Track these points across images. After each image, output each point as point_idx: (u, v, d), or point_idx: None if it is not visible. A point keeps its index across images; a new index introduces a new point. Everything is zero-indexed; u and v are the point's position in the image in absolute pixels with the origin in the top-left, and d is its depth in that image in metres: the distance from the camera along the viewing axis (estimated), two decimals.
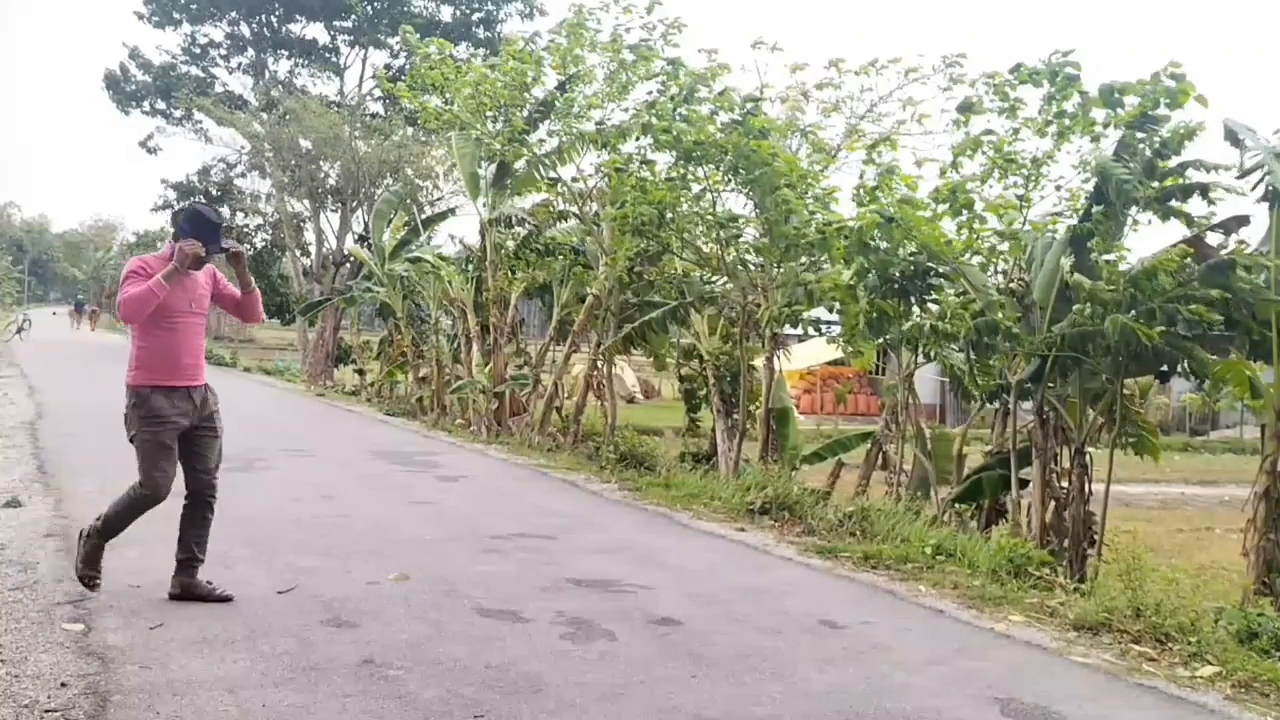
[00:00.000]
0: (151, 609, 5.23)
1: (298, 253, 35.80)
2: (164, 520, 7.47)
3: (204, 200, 39.21)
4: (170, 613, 5.17)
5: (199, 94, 36.14)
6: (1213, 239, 9.00)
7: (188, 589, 5.49)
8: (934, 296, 9.90)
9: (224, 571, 6.12)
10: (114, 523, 5.43)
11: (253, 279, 5.86)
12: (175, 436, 5.39)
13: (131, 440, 5.40)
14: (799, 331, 12.79)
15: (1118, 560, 6.98)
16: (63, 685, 4.13)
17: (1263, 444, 8.77)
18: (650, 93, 12.32)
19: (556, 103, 14.00)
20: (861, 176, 10.26)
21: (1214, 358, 8.90)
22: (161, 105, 39.19)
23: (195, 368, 5.49)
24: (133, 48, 39.65)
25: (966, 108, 9.66)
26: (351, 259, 30.69)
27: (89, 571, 5.37)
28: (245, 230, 39.63)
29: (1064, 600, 6.34)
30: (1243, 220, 8.94)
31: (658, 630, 5.38)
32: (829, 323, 12.13)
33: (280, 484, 9.57)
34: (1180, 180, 8.71)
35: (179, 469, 5.49)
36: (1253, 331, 8.35)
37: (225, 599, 5.49)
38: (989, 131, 9.60)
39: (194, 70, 39.51)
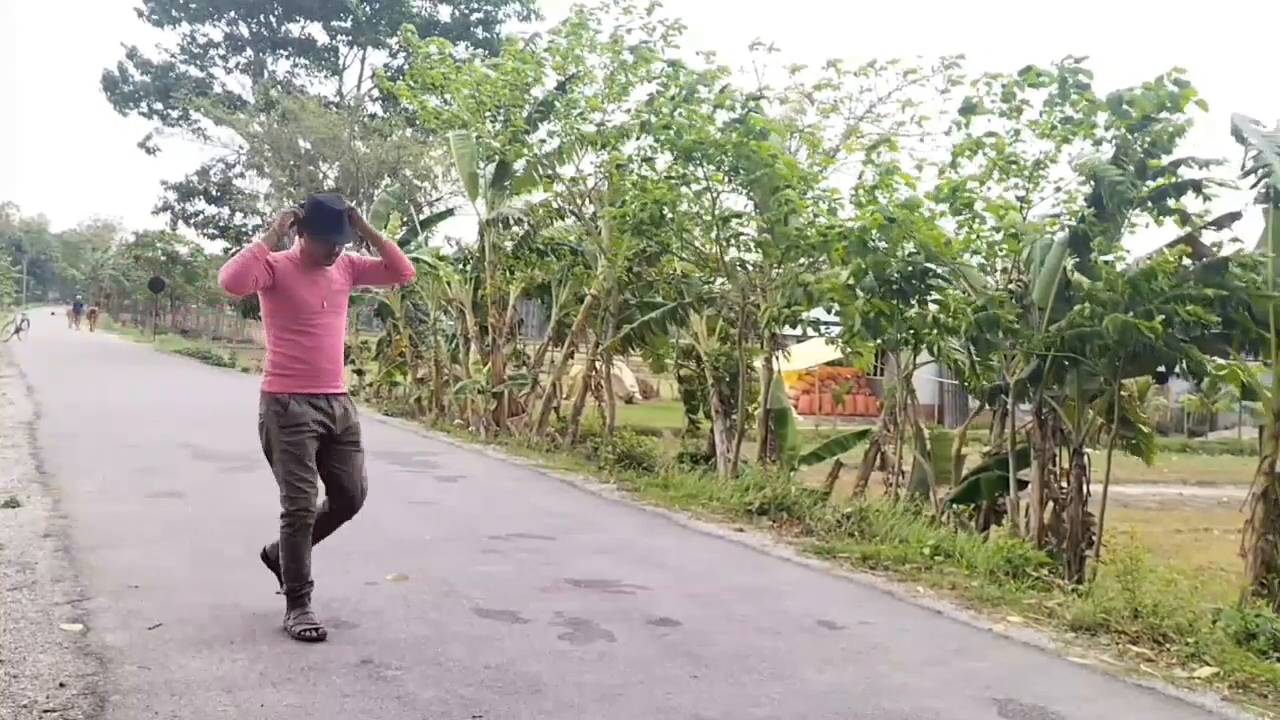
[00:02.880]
0: (150, 609, 5.22)
1: None
2: (161, 524, 7.50)
3: (203, 197, 39.39)
4: (168, 613, 5.17)
5: (198, 94, 36.18)
6: (1208, 237, 9.03)
7: (270, 559, 5.31)
8: (933, 296, 9.91)
9: (224, 571, 6.13)
10: (291, 566, 5.00)
11: (380, 232, 5.38)
12: (316, 445, 5.02)
13: (268, 453, 5.05)
14: (798, 332, 12.79)
15: (1116, 561, 6.99)
16: (61, 685, 4.13)
17: (1261, 445, 8.78)
18: (651, 95, 12.32)
19: (557, 103, 13.99)
20: (861, 177, 10.27)
21: (1212, 358, 8.91)
22: (159, 106, 39.26)
23: (334, 373, 5.11)
24: (131, 48, 39.82)
25: (969, 109, 9.66)
26: None
27: (300, 625, 4.88)
28: (244, 230, 39.68)
29: (1062, 601, 6.35)
30: (1235, 215, 8.97)
31: (656, 631, 5.38)
32: (828, 323, 12.13)
33: None
34: (1173, 178, 8.73)
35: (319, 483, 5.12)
36: (1250, 331, 8.37)
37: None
38: (991, 133, 9.61)
39: (192, 70, 39.61)
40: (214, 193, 39.34)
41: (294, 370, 5.00)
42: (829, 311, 11.03)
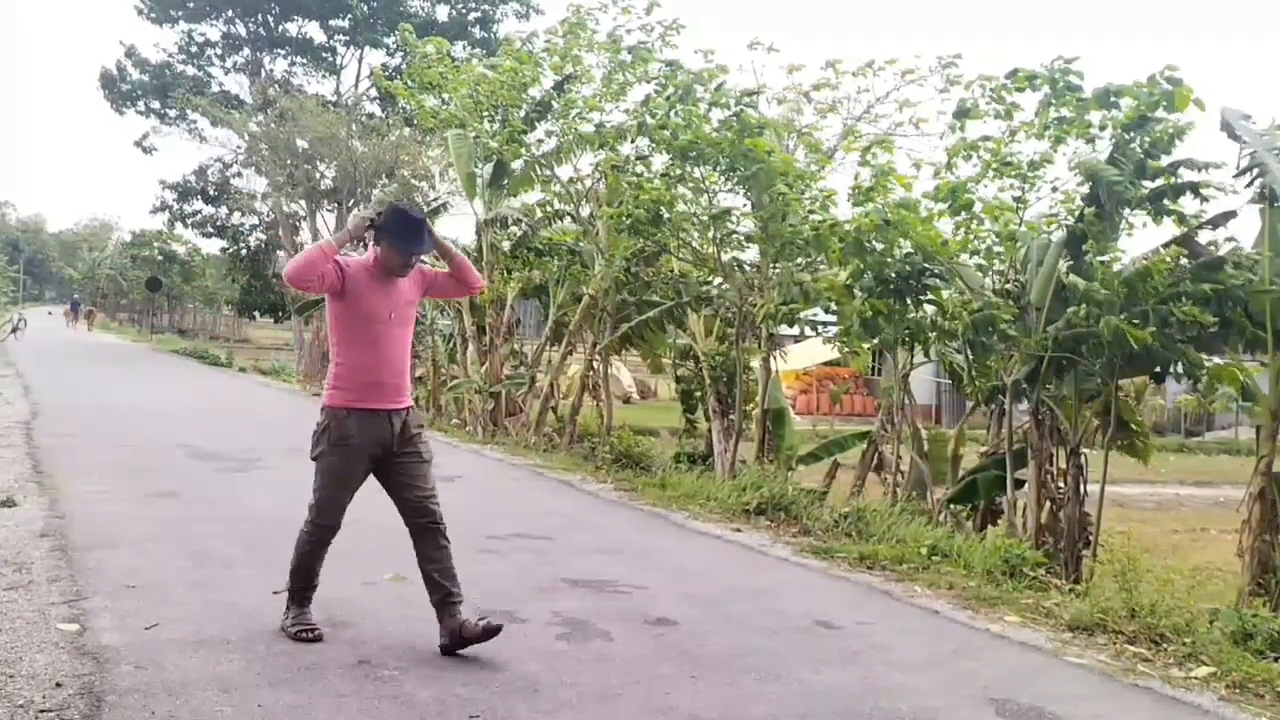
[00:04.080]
0: (146, 609, 5.21)
1: (293, 252, 35.82)
2: (158, 523, 7.49)
3: (201, 197, 39.38)
4: (165, 613, 5.16)
5: (195, 93, 36.15)
6: (1204, 237, 9.04)
7: (455, 635, 4.76)
8: (930, 297, 9.92)
9: (221, 571, 6.13)
10: (299, 568, 4.94)
11: (449, 243, 5.25)
12: (365, 467, 4.85)
13: (314, 459, 4.86)
14: (795, 332, 12.80)
15: (1113, 561, 6.99)
16: (58, 685, 4.12)
17: (1258, 445, 8.79)
18: (649, 95, 12.31)
19: (554, 103, 13.99)
20: (856, 178, 10.28)
21: (1208, 358, 8.92)
22: (156, 105, 39.23)
23: (398, 388, 4.89)
24: (129, 46, 39.81)
25: (962, 113, 9.68)
26: None
27: (297, 625, 4.87)
28: (240, 229, 39.69)
29: (1059, 601, 6.35)
30: (1230, 215, 8.99)
31: (654, 630, 5.38)
32: (825, 323, 12.15)
33: (277, 484, 9.56)
34: (1172, 180, 8.73)
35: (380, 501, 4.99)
36: (1246, 330, 8.37)
37: (494, 630, 4.73)
38: (986, 137, 9.63)
39: (190, 69, 39.55)
40: (211, 192, 39.33)
41: (356, 383, 4.78)
42: (826, 311, 11.05)
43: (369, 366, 4.80)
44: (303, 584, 4.94)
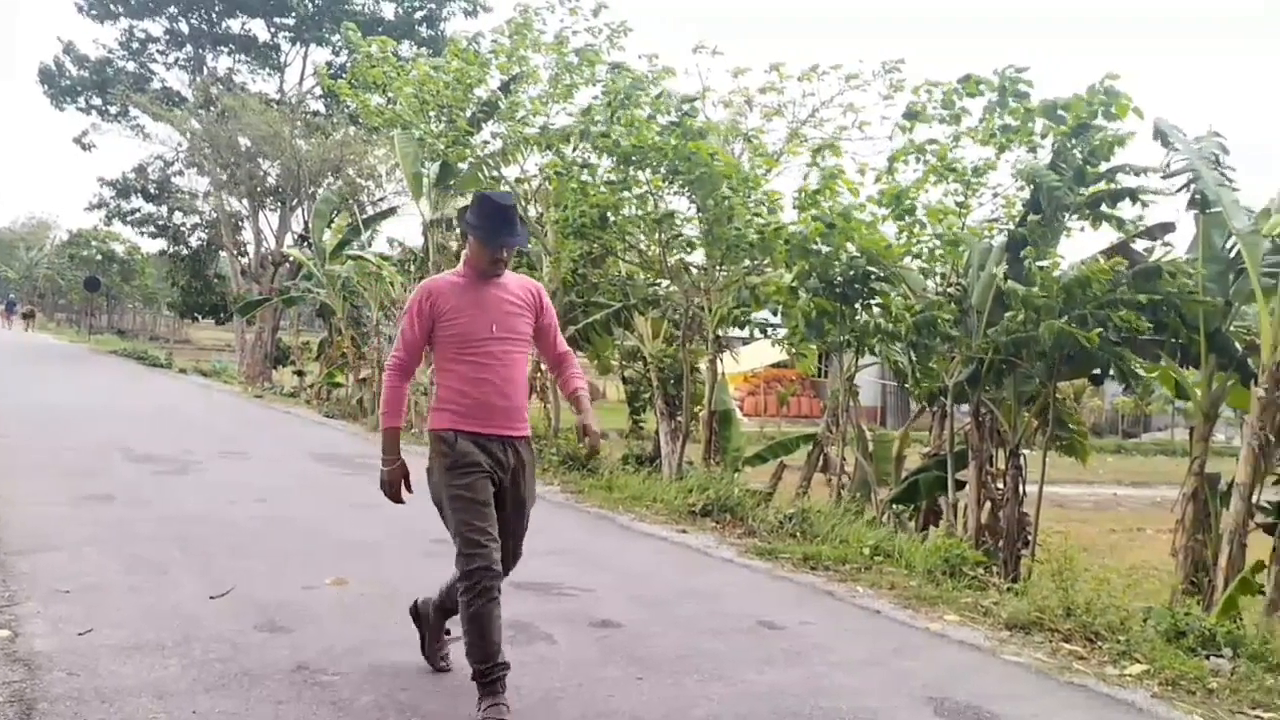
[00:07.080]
0: (81, 614, 5.12)
1: (235, 252, 35.32)
2: (94, 526, 7.36)
3: (141, 195, 38.69)
4: (100, 618, 5.07)
5: (136, 90, 35.52)
6: (1141, 244, 9.22)
7: (421, 618, 4.69)
8: (875, 300, 10.01)
9: (158, 576, 6.03)
10: (476, 643, 4.10)
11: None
12: (490, 488, 4.21)
13: (438, 504, 4.27)
14: (744, 334, 12.85)
15: (1050, 560, 7.11)
16: None
17: (1191, 447, 8.97)
18: (595, 97, 12.29)
19: (500, 104, 13.91)
20: (805, 179, 10.35)
21: (1144, 362, 9.09)
22: (97, 101, 38.49)
23: (509, 412, 4.28)
24: (68, 42, 39.00)
25: (912, 115, 9.77)
26: (291, 259, 30.29)
27: (492, 716, 4.05)
28: (181, 228, 39.07)
29: (997, 600, 6.45)
30: (1168, 227, 9.16)
31: (598, 633, 5.38)
32: (773, 325, 12.21)
33: (216, 486, 9.43)
34: (1111, 185, 8.89)
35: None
36: (1180, 335, 8.54)
37: (443, 670, 4.60)
38: (932, 141, 9.74)
39: (131, 65, 38.85)
40: (152, 190, 38.61)
41: (459, 404, 4.24)
42: (775, 314, 11.09)
43: (470, 387, 4.24)
44: (485, 664, 4.10)
